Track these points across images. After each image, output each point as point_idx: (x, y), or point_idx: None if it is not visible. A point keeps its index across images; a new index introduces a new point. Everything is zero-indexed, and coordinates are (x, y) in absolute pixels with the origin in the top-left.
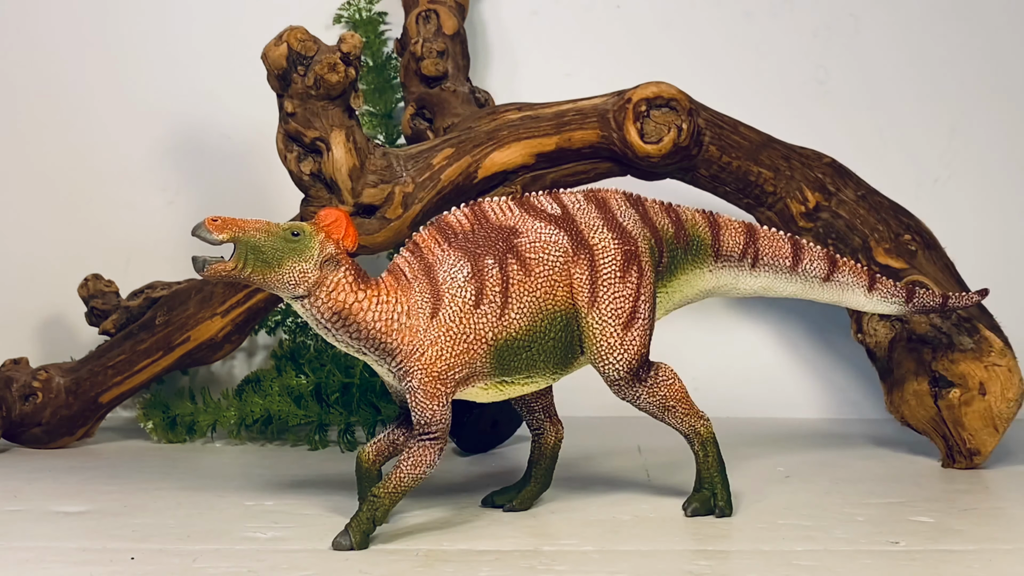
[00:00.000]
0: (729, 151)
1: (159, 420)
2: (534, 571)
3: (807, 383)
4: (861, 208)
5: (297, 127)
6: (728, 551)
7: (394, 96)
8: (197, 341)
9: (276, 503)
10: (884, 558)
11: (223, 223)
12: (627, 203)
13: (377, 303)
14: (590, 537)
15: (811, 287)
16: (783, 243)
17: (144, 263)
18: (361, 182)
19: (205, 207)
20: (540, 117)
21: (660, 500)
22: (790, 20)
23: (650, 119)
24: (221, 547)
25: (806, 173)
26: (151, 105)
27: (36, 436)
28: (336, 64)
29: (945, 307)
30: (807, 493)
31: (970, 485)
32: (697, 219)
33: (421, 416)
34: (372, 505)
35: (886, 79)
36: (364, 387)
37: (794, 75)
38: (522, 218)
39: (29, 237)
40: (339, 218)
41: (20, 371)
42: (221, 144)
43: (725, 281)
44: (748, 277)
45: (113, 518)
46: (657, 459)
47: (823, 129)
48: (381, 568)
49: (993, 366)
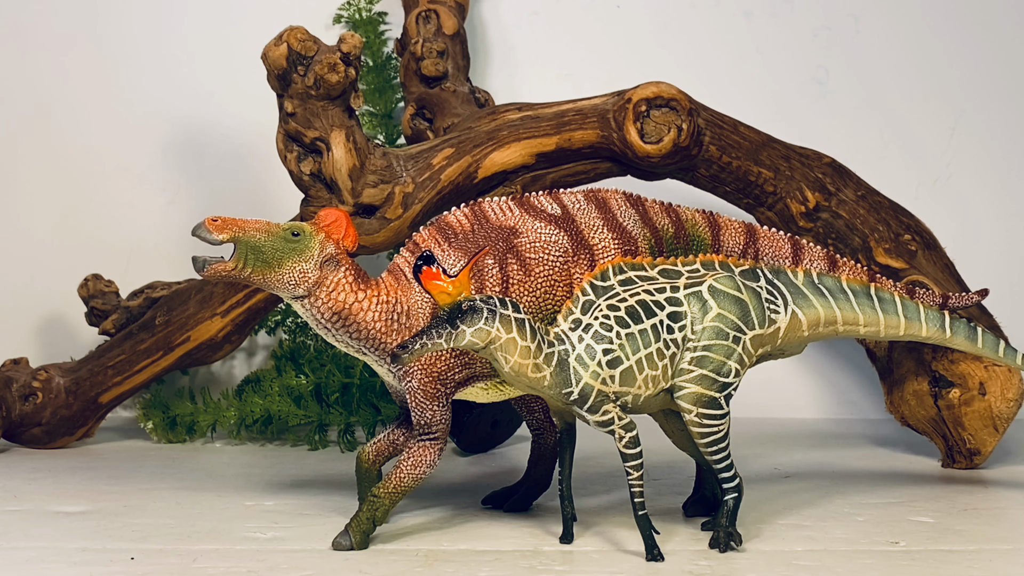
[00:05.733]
0: (729, 151)
1: (159, 420)
2: (534, 571)
3: (807, 383)
4: (861, 208)
5: (297, 127)
6: (728, 551)
7: (394, 96)
8: (197, 341)
9: (276, 503)
10: (884, 558)
11: (223, 223)
12: (627, 203)
13: (377, 303)
14: (590, 537)
15: None
16: (783, 243)
17: (144, 263)
18: (361, 182)
19: (205, 207)
20: (540, 117)
21: (660, 500)
22: (790, 20)
23: (650, 119)
24: (221, 547)
25: (806, 173)
26: (151, 106)
27: (36, 436)
28: (336, 64)
29: (945, 307)
30: (807, 493)
31: (970, 485)
32: (697, 219)
33: (421, 416)
34: (372, 505)
35: (886, 79)
36: (364, 387)
37: (794, 75)
38: (522, 218)
39: (29, 237)
40: (339, 218)
41: (20, 371)
42: (221, 144)
43: None
44: None
45: (113, 518)
46: (657, 459)
47: (823, 129)
48: (381, 568)
49: (993, 366)
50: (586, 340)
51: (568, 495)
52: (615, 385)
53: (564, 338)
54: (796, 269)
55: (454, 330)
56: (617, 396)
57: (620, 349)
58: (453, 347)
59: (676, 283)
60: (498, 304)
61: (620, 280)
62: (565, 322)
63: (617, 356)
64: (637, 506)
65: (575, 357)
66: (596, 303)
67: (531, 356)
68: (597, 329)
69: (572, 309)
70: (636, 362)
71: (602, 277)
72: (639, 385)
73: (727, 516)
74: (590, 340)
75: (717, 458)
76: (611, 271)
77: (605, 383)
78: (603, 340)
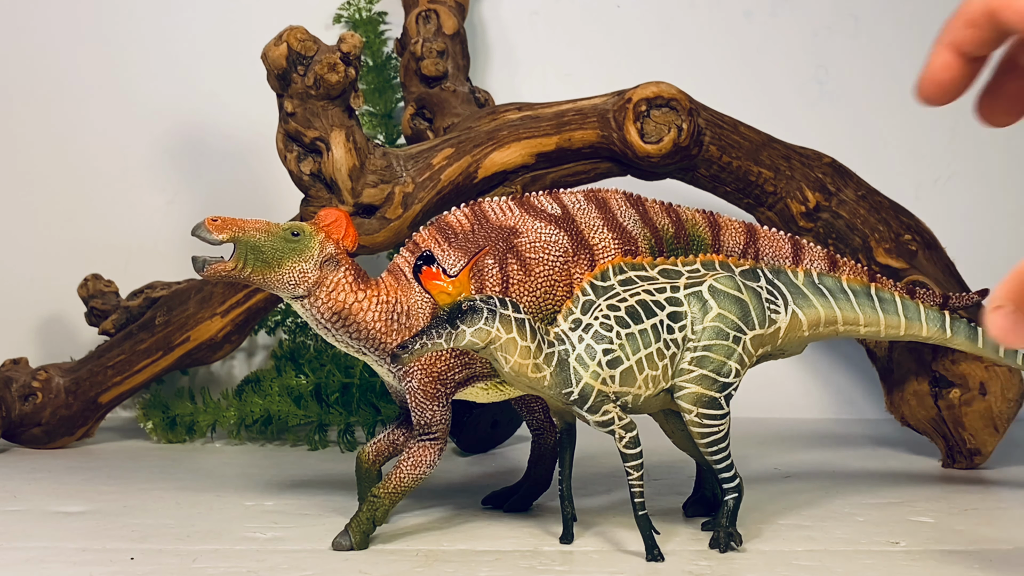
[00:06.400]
0: (729, 151)
1: (159, 420)
2: (534, 571)
3: (807, 383)
4: (861, 208)
5: (297, 127)
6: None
7: (394, 96)
8: (197, 341)
9: (276, 503)
10: (884, 558)
11: (223, 223)
12: (627, 203)
13: (377, 303)
14: (590, 537)
15: None
16: (783, 243)
17: (144, 263)
18: (361, 182)
19: (205, 207)
20: (540, 117)
21: (660, 500)
22: (790, 20)
23: (650, 119)
24: (221, 547)
25: (806, 173)
26: (151, 105)
27: (36, 436)
28: (336, 64)
29: (945, 307)
30: (807, 493)
31: (970, 485)
32: (697, 219)
33: (421, 416)
34: (372, 505)
35: (886, 79)
36: (364, 387)
37: (794, 75)
38: (522, 218)
39: (29, 237)
40: (339, 218)
41: (20, 371)
42: (221, 144)
43: None
44: None
45: (113, 518)
46: (657, 459)
47: (823, 129)
48: (381, 568)
49: (994, 366)
50: (586, 340)
51: (568, 495)
52: (615, 385)
53: (564, 338)
54: (796, 269)
55: (454, 330)
56: (617, 396)
57: (620, 349)
58: (453, 347)
59: (676, 283)
60: (498, 304)
61: (620, 280)
62: (565, 322)
63: (617, 356)
64: (637, 506)
65: (575, 357)
66: (596, 303)
67: (531, 356)
68: (597, 329)
69: (572, 309)
70: (636, 362)
71: (602, 277)
72: (639, 385)
73: (727, 516)
74: (590, 340)
75: (717, 458)
76: (611, 271)
77: (605, 383)
78: (603, 340)
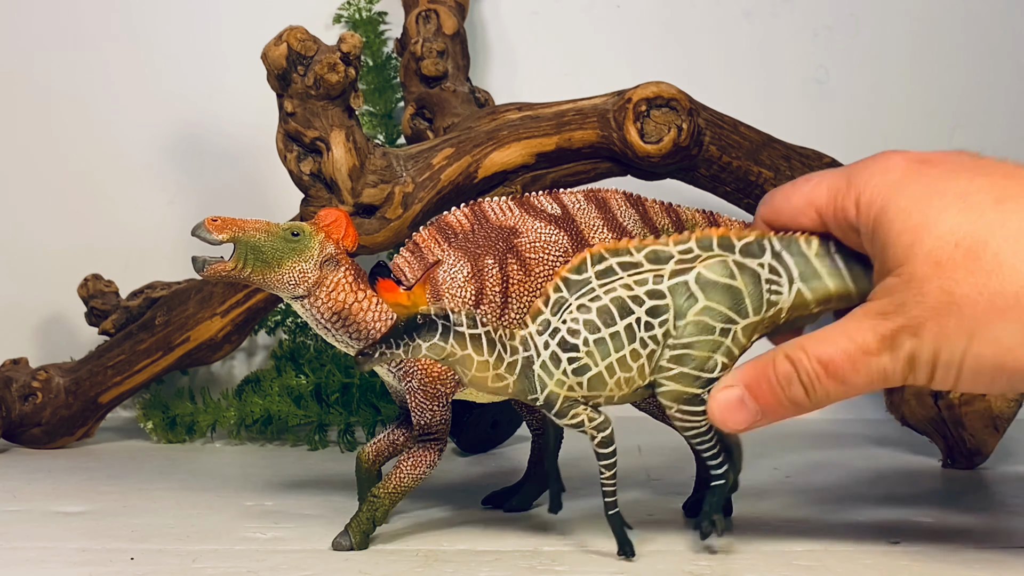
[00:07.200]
0: (729, 151)
1: (159, 420)
2: (534, 571)
3: None
4: None
5: (297, 127)
6: (728, 551)
7: (394, 96)
8: (197, 341)
9: (276, 503)
10: (884, 558)
11: (223, 223)
12: (627, 203)
13: (377, 303)
14: (590, 537)
15: None
16: None
17: (144, 263)
18: (361, 182)
19: (205, 207)
20: (540, 117)
21: (660, 500)
22: (790, 20)
23: (650, 119)
24: (221, 547)
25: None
26: (151, 105)
27: (36, 436)
28: (336, 64)
29: None
30: (807, 493)
31: (970, 485)
32: (697, 219)
33: (421, 416)
34: (372, 505)
35: (886, 79)
36: (364, 387)
37: (794, 75)
38: (522, 218)
39: (29, 237)
40: (339, 218)
41: (20, 371)
42: (221, 144)
43: None
44: None
45: (113, 518)
46: (657, 459)
47: (823, 129)
48: (381, 568)
49: None
50: (552, 347)
51: (555, 473)
52: (583, 391)
53: (529, 343)
54: (810, 237)
55: (411, 342)
56: (587, 399)
57: (588, 356)
58: (412, 358)
59: (661, 271)
60: (452, 321)
61: (598, 271)
62: (534, 324)
63: (584, 364)
64: (608, 505)
65: (540, 364)
66: (567, 302)
67: (490, 369)
68: (564, 335)
69: (542, 309)
70: (606, 367)
71: (577, 270)
72: (611, 388)
73: (711, 504)
74: (555, 347)
75: (703, 448)
76: (588, 262)
77: (572, 389)
78: (569, 348)
